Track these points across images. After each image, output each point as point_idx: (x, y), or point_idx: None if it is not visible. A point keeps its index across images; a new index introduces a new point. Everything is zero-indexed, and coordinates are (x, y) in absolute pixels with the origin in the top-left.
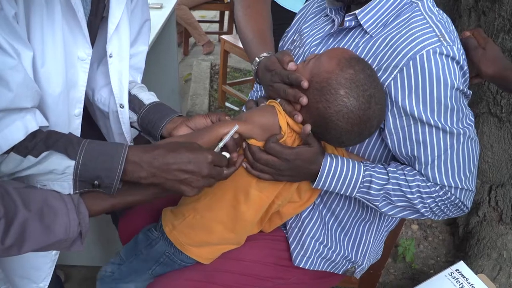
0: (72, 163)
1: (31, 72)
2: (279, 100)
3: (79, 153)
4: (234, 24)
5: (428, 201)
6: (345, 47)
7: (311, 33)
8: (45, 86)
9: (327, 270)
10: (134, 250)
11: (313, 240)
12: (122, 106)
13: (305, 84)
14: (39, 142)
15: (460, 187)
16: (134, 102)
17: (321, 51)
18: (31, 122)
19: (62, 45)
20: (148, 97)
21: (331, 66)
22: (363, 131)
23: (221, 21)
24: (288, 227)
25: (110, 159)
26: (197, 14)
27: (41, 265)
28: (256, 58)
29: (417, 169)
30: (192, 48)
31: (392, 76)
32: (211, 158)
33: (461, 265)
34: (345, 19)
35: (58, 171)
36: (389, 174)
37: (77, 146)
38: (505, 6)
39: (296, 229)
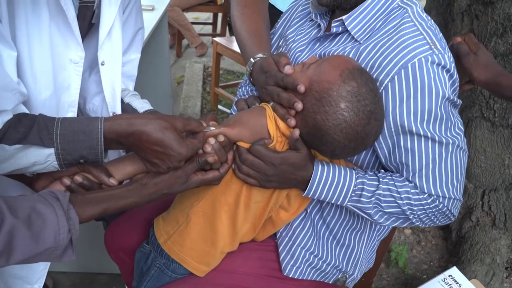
0: (51, 150)
1: (15, 73)
2: (272, 103)
3: (55, 139)
4: (227, 26)
5: (415, 208)
6: (333, 53)
7: (296, 38)
8: (31, 88)
9: (317, 280)
10: (140, 271)
11: (304, 250)
12: (115, 114)
13: (301, 88)
14: (9, 128)
15: (447, 196)
16: (128, 110)
17: (307, 56)
18: None
19: (49, 46)
20: (142, 105)
21: (333, 76)
22: (359, 146)
23: (214, 23)
24: (278, 236)
25: (88, 138)
26: (191, 16)
27: (34, 266)
28: (251, 59)
29: (405, 176)
30: (185, 50)
31: (383, 85)
32: (185, 156)
33: (454, 271)
34: (332, 24)
35: (40, 162)
36: (380, 180)
37: (51, 130)
38: (498, 10)
39: (287, 239)
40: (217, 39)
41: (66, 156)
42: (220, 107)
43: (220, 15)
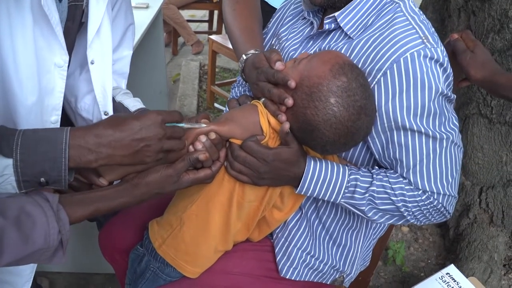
0: (9, 161)
1: None
2: (263, 100)
3: (15, 148)
4: (223, 24)
5: (410, 205)
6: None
7: (289, 37)
8: (17, 94)
9: (314, 281)
10: (134, 272)
11: (300, 251)
12: (106, 114)
13: (292, 84)
14: None
15: (442, 193)
16: (119, 109)
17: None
18: None
19: (33, 51)
20: (134, 103)
21: (323, 71)
22: (349, 142)
23: (210, 21)
24: (274, 237)
25: (52, 148)
26: (186, 14)
27: (20, 271)
28: (243, 55)
29: (399, 172)
30: (181, 48)
31: (376, 80)
32: (161, 118)
33: (451, 269)
34: (325, 21)
35: None
36: (374, 176)
37: (11, 140)
38: (495, 6)
39: (283, 239)
40: (212, 36)
41: (25, 170)
42: (216, 105)
43: (216, 12)
